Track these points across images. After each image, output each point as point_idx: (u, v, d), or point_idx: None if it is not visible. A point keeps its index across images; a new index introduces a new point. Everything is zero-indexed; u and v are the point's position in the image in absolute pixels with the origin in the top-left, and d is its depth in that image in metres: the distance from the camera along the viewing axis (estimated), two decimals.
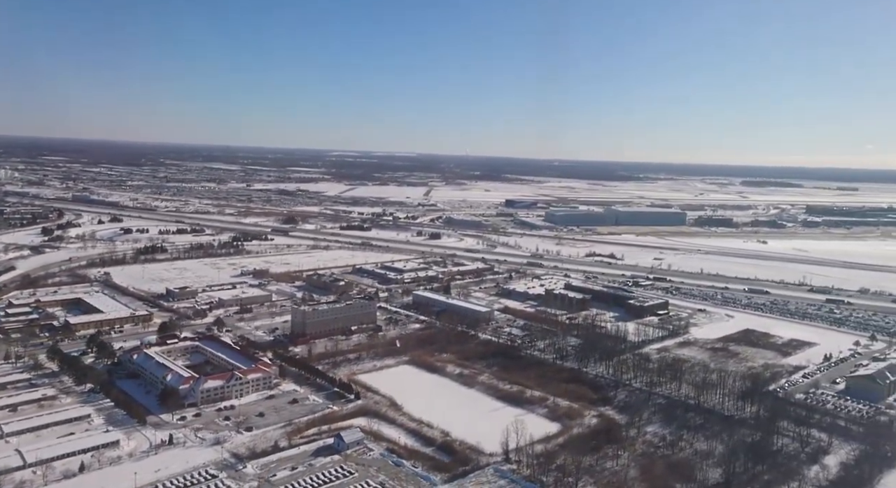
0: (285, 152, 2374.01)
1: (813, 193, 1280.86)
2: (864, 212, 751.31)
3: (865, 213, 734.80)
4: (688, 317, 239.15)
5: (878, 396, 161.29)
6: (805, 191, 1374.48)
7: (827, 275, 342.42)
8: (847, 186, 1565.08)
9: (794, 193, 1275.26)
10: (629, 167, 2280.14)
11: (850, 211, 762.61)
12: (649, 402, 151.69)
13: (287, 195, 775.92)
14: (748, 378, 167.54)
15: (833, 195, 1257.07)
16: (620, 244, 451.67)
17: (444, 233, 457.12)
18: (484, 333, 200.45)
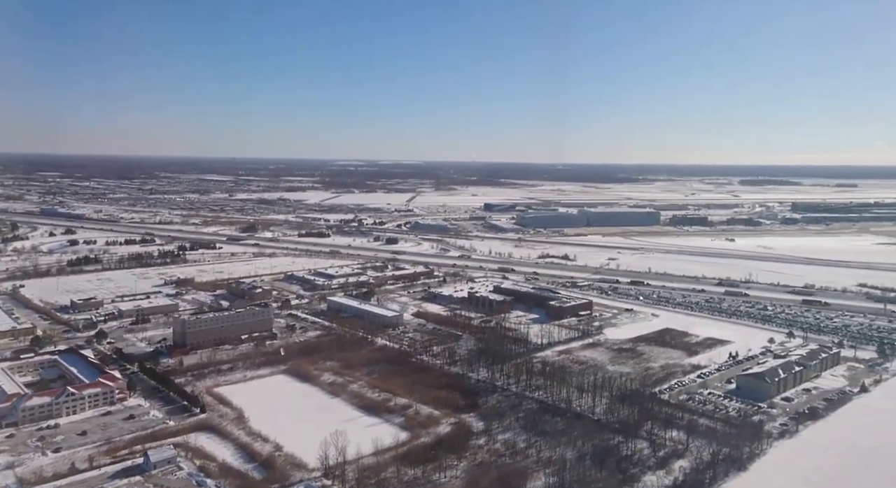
0: (288, 162, 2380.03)
1: (810, 191, 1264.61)
2: (850, 207, 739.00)
3: (850, 209, 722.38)
4: (611, 318, 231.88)
5: (766, 395, 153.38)
6: (802, 189, 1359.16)
7: (779, 271, 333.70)
8: (846, 183, 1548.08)
9: (790, 191, 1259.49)
10: (631, 169, 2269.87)
11: (836, 207, 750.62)
12: (520, 407, 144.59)
13: (266, 204, 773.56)
14: (637, 379, 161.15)
15: (829, 192, 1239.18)
16: (582, 245, 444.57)
17: (403, 238, 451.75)
18: (383, 339, 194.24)
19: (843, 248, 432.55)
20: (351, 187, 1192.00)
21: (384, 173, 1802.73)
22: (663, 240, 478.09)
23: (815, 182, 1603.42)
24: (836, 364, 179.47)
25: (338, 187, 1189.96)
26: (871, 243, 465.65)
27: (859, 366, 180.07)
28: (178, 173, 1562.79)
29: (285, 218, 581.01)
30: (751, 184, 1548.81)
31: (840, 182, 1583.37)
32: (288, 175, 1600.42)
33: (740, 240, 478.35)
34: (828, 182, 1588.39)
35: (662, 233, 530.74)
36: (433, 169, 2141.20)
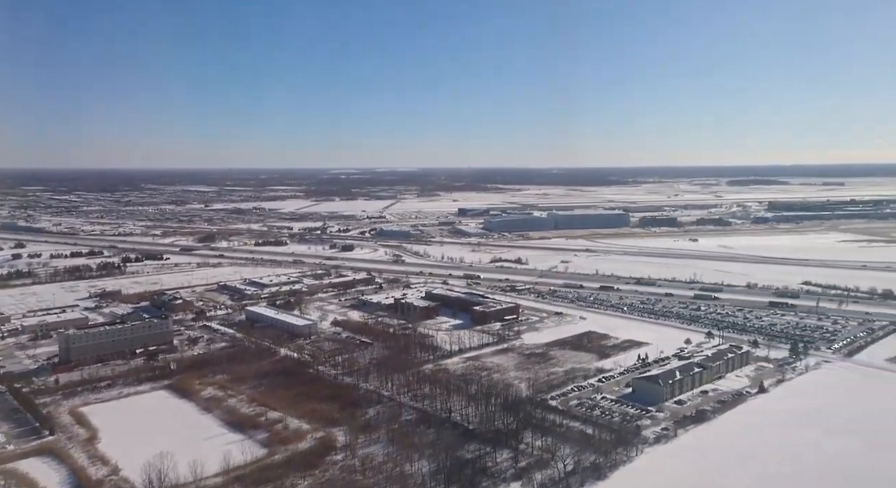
0: (282, 172, 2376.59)
1: (795, 190, 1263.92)
2: (824, 206, 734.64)
3: (825, 207, 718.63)
4: (537, 321, 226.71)
5: (659, 398, 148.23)
6: (787, 188, 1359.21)
7: (727, 271, 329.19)
8: (833, 181, 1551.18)
9: (774, 191, 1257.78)
10: (624, 172, 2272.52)
11: (811, 205, 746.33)
12: (398, 419, 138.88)
13: (239, 213, 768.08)
14: (533, 386, 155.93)
15: (814, 190, 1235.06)
16: (541, 248, 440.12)
17: (361, 245, 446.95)
18: (289, 350, 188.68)
19: (804, 246, 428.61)
20: (333, 195, 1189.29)
21: (375, 180, 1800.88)
22: (626, 242, 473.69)
23: (803, 181, 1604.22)
24: (745, 364, 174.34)
25: (320, 195, 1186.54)
26: (834, 241, 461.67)
27: (768, 365, 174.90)
28: (165, 185, 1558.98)
29: (248, 227, 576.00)
30: (738, 184, 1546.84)
31: (827, 180, 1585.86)
32: (277, 184, 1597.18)
33: (704, 240, 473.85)
34: (815, 181, 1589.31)
35: (629, 235, 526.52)
36: (425, 175, 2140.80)
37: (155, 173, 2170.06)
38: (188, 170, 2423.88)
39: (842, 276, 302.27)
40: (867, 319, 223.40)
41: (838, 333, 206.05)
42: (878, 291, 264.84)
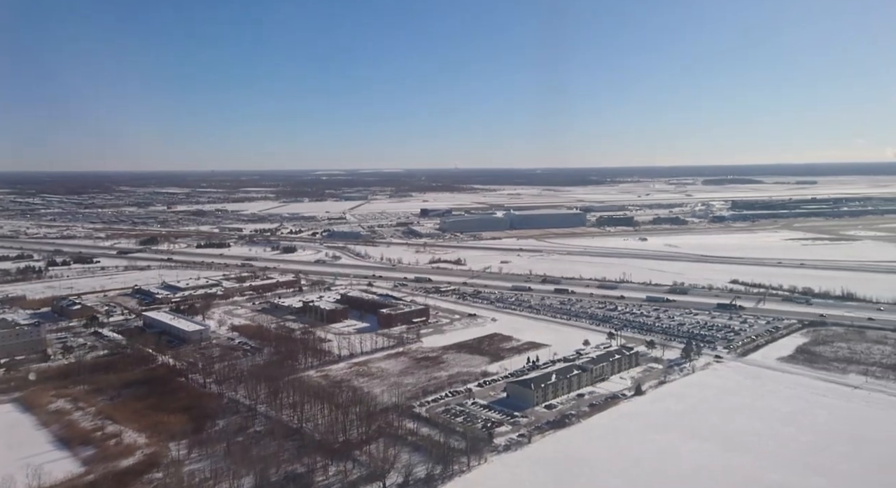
0: (265, 174, 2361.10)
1: (767, 188, 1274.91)
2: (785, 204, 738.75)
3: (785, 206, 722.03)
4: (446, 324, 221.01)
5: (530, 403, 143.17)
6: (760, 187, 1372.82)
7: (661, 270, 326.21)
8: (807, 180, 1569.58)
9: (746, 189, 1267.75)
10: (608, 172, 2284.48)
11: (773, 204, 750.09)
12: (247, 430, 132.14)
13: (198, 215, 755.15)
14: (407, 392, 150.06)
15: (785, 189, 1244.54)
16: (487, 248, 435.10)
17: (304, 247, 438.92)
18: (170, 357, 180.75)
19: (750, 245, 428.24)
20: (305, 196, 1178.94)
21: (354, 182, 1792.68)
22: (575, 241, 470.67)
23: (777, 180, 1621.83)
24: (634, 365, 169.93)
25: (291, 197, 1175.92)
26: (781, 239, 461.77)
27: (658, 366, 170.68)
28: (139, 187, 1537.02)
29: (197, 229, 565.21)
30: (713, 183, 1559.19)
31: (801, 179, 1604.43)
32: (256, 186, 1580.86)
33: (654, 239, 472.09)
34: (789, 179, 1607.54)
35: (583, 235, 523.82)
36: (408, 176, 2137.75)
37: (139, 176, 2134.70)
38: (173, 172, 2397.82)
39: (772, 274, 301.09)
40: (777, 318, 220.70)
41: (742, 332, 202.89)
42: (797, 289, 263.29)
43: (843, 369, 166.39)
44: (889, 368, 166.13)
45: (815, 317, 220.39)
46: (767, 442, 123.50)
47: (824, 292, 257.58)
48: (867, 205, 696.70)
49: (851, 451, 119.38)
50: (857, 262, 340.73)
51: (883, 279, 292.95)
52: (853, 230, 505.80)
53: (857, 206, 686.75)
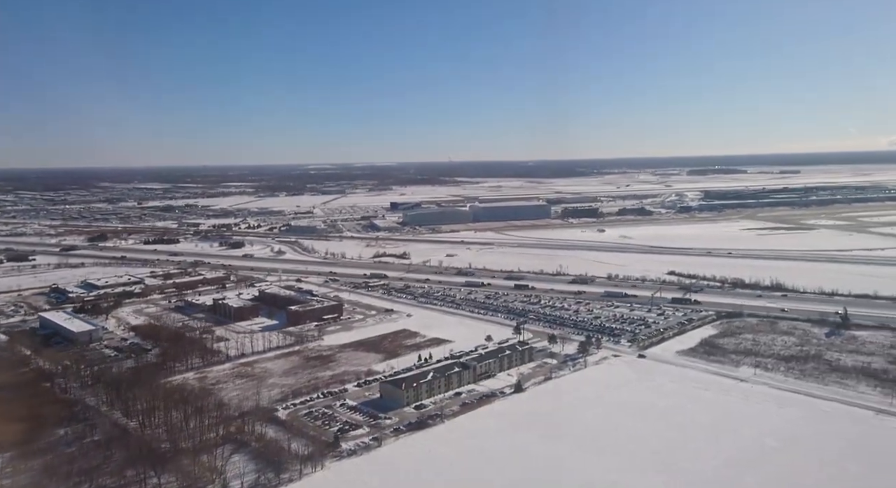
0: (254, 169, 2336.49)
1: (748, 178, 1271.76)
2: (756, 194, 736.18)
3: (756, 195, 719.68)
4: (359, 319, 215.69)
5: (401, 403, 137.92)
6: (741, 177, 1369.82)
7: (606, 262, 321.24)
8: (790, 170, 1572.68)
9: (727, 180, 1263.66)
10: (598, 163, 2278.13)
11: (744, 194, 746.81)
12: (82, 440, 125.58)
13: (165, 210, 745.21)
14: (277, 395, 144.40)
15: (766, 179, 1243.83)
16: (440, 242, 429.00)
17: (253, 241, 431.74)
18: (45, 359, 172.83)
19: (705, 235, 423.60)
20: (286, 190, 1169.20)
21: (341, 176, 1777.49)
22: (532, 233, 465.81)
23: (761, 170, 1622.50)
24: (528, 361, 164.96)
25: (270, 191, 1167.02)
26: (739, 229, 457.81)
27: (552, 361, 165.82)
28: (120, 183, 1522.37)
29: (153, 225, 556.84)
30: (697, 173, 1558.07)
31: (784, 169, 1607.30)
32: (238, 181, 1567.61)
33: (612, 230, 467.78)
34: (772, 169, 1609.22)
35: (544, 226, 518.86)
36: (398, 170, 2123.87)
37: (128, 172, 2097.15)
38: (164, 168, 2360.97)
39: (714, 265, 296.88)
40: (695, 310, 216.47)
41: (654, 325, 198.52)
42: (727, 280, 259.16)
43: (737, 362, 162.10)
44: (783, 360, 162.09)
45: (733, 308, 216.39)
46: (627, 441, 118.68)
47: (754, 283, 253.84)
48: (836, 194, 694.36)
49: (705, 448, 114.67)
50: (803, 252, 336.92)
51: (822, 269, 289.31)
52: (815, 219, 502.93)
53: (827, 196, 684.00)
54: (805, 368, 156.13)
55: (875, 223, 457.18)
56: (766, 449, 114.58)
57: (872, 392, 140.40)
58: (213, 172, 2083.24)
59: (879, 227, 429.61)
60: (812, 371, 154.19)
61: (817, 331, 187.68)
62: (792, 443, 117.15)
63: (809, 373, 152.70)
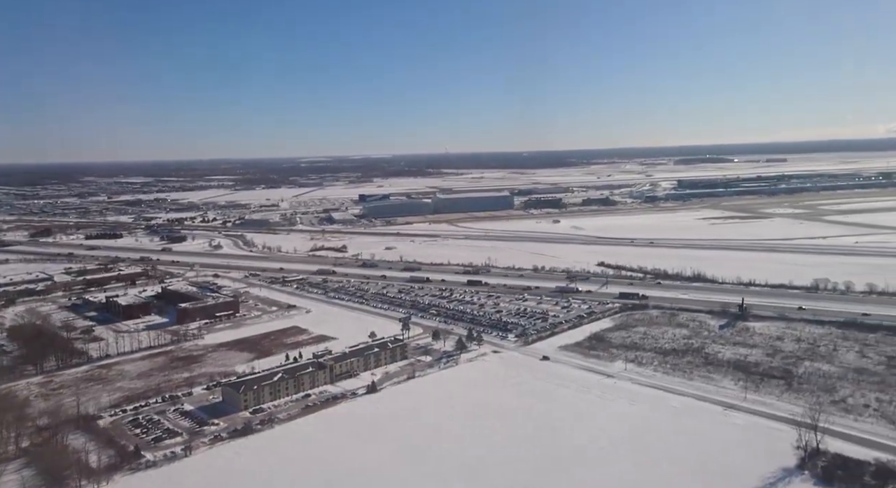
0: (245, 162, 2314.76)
1: (733, 167, 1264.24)
2: (728, 183, 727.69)
3: (728, 184, 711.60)
4: (254, 316, 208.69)
5: (237, 407, 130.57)
6: (728, 166, 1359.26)
7: (542, 253, 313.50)
8: (777, 158, 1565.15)
9: (711, 169, 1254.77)
10: (591, 154, 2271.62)
11: (716, 182, 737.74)
12: None
13: (132, 205, 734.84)
14: (116, 400, 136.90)
15: (751, 167, 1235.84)
16: (388, 234, 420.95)
17: (199, 236, 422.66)
18: None
19: (660, 225, 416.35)
20: (262, 183, 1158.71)
21: (333, 168, 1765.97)
22: (487, 225, 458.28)
23: (747, 158, 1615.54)
24: (400, 358, 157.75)
25: (248, 184, 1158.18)
26: (696, 218, 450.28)
27: (425, 359, 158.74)
28: (105, 177, 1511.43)
29: (104, 219, 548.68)
30: (684, 163, 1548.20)
31: (771, 157, 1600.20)
32: (224, 174, 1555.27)
33: (568, 221, 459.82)
34: (759, 158, 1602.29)
35: (504, 218, 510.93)
36: (390, 162, 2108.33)
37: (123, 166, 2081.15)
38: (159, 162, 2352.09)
39: (645, 255, 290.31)
40: (602, 302, 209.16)
41: (553, 318, 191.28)
42: (648, 270, 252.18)
43: (615, 357, 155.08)
44: (662, 354, 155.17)
45: (638, 299, 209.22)
46: (450, 447, 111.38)
47: (676, 273, 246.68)
48: (807, 182, 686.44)
49: (525, 452, 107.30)
50: (745, 241, 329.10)
51: (754, 258, 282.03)
52: (775, 208, 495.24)
53: (797, 184, 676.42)
54: (679, 362, 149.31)
55: (832, 211, 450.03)
56: (592, 451, 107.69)
57: (734, 386, 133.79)
58: (206, 166, 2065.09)
59: (833, 216, 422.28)
60: (685, 365, 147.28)
61: (713, 323, 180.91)
62: (622, 443, 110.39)
63: (681, 368, 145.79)
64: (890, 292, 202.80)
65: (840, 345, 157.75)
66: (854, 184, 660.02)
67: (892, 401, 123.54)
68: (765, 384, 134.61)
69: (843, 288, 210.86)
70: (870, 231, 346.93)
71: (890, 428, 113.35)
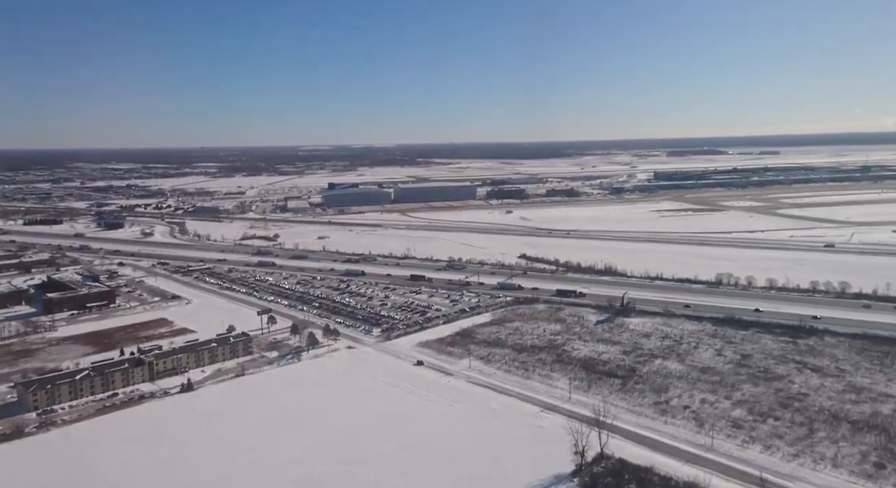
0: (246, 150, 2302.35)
1: (723, 159, 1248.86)
2: (702, 174, 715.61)
3: (702, 176, 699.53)
4: (133, 307, 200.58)
5: (25, 408, 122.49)
6: (719, 158, 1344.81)
7: (471, 244, 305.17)
8: (769, 150, 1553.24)
9: (701, 160, 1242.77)
10: (592, 145, 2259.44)
11: (690, 174, 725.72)
12: None
13: (99, 191, 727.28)
14: None
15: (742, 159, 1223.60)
16: (331, 223, 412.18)
17: (138, 222, 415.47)
18: None
19: (610, 217, 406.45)
20: (244, 171, 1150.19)
21: (330, 156, 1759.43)
22: (438, 215, 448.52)
23: (741, 150, 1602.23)
24: (243, 354, 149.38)
25: (230, 172, 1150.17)
26: (650, 210, 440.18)
27: (270, 355, 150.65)
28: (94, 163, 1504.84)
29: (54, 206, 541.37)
30: (676, 155, 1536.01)
31: (764, 150, 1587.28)
32: (219, 161, 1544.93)
33: (519, 212, 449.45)
34: (752, 150, 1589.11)
35: (460, 208, 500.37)
36: (393, 151, 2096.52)
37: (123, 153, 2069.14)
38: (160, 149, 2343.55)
39: (576, 248, 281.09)
40: (494, 296, 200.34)
41: (435, 312, 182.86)
42: (561, 263, 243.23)
43: (468, 354, 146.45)
44: (519, 351, 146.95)
45: (531, 293, 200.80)
46: (231, 451, 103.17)
47: (589, 266, 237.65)
48: (780, 175, 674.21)
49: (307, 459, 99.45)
50: (680, 234, 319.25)
51: (680, 251, 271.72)
52: (737, 200, 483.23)
53: (770, 177, 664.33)
54: (529, 360, 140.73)
55: (790, 204, 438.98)
56: (388, 453, 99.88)
57: (565, 387, 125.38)
58: (204, 153, 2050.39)
59: (788, 209, 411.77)
60: (535, 363, 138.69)
61: (593, 318, 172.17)
62: (416, 447, 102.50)
63: (528, 366, 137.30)
64: (789, 288, 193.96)
65: (704, 342, 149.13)
66: (828, 178, 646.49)
67: (715, 403, 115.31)
68: (599, 384, 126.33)
69: (745, 283, 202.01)
70: (813, 225, 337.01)
71: (694, 432, 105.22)
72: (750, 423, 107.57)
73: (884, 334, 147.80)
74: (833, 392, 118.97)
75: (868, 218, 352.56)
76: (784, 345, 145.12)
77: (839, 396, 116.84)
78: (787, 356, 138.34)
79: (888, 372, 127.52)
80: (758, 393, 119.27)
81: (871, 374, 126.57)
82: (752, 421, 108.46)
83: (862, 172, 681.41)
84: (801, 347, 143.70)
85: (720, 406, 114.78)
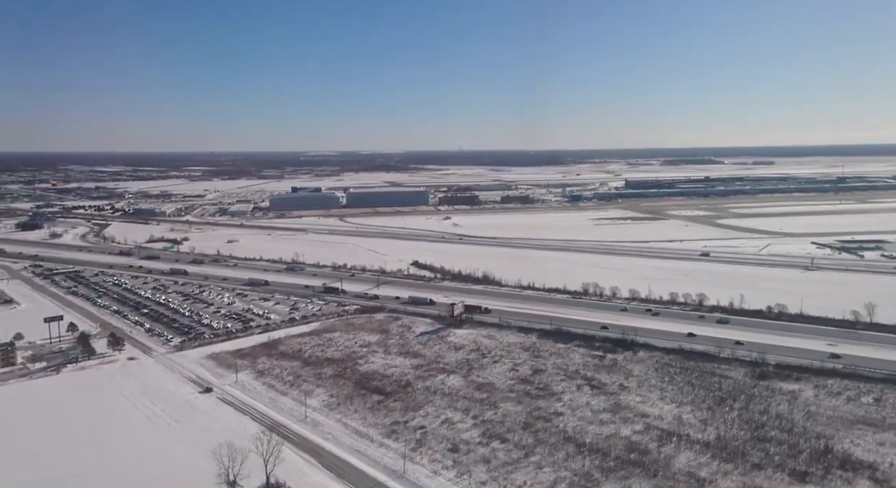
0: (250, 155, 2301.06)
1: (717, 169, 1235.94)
2: (672, 183, 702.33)
3: (672, 185, 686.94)
4: None
5: None
6: (712, 167, 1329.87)
7: (378, 250, 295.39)
8: (763, 160, 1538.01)
9: (695, 170, 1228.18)
10: (585, 154, 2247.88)
11: (661, 183, 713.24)
12: None
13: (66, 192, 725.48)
14: None
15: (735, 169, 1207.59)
16: (259, 227, 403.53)
17: (64, 223, 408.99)
18: None
19: (538, 224, 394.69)
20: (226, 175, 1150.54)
21: (332, 162, 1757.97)
22: (376, 220, 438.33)
23: (734, 160, 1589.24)
24: (3, 366, 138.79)
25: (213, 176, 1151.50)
26: (588, 219, 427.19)
27: (35, 366, 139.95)
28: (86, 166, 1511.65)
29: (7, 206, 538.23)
30: (669, 163, 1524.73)
31: (758, 159, 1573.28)
32: (206, 165, 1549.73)
33: (458, 218, 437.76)
34: (746, 160, 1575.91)
35: (405, 213, 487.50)
36: (389, 157, 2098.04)
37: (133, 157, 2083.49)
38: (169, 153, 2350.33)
39: (474, 256, 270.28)
40: (342, 304, 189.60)
41: (261, 320, 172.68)
42: (443, 270, 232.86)
43: (248, 367, 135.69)
44: (310, 364, 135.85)
45: (381, 301, 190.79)
46: None
47: (468, 274, 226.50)
48: (747, 185, 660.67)
49: None
50: (593, 243, 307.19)
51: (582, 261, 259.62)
52: (687, 210, 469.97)
53: (736, 186, 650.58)
54: (306, 374, 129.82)
55: (736, 214, 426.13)
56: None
57: (318, 404, 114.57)
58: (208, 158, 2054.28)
59: (730, 219, 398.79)
60: (310, 377, 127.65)
61: (420, 329, 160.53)
62: None
63: (299, 381, 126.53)
64: (651, 300, 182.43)
65: (510, 356, 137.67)
66: (795, 189, 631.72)
67: (456, 423, 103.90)
68: (357, 401, 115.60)
69: (610, 293, 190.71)
70: (740, 235, 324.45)
71: (401, 456, 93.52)
72: (471, 446, 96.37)
73: (699, 348, 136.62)
74: (591, 411, 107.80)
75: (806, 229, 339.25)
76: (589, 361, 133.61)
77: (593, 416, 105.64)
78: (581, 372, 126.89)
79: (667, 389, 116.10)
80: (512, 413, 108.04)
81: (648, 392, 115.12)
82: (477, 443, 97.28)
83: (834, 184, 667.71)
84: (606, 362, 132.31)
85: (459, 426, 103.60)
